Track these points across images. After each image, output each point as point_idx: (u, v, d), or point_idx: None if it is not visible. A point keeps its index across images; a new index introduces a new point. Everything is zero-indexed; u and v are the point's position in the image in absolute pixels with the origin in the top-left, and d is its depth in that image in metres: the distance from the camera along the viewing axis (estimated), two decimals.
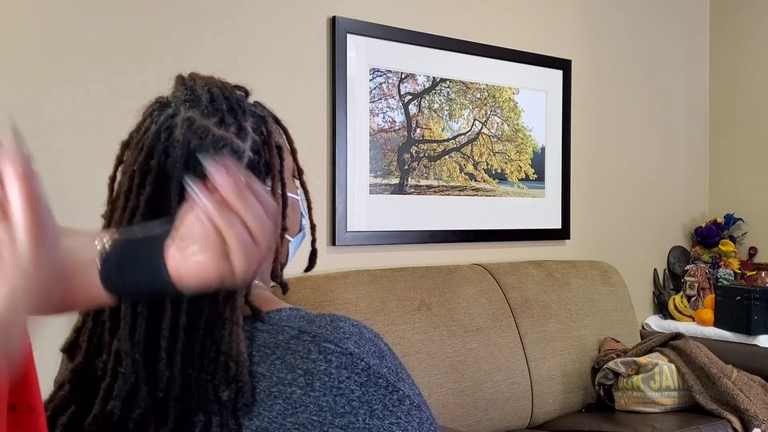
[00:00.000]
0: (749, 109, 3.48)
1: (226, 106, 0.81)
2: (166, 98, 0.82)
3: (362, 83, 2.47)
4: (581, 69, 3.11)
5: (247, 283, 0.79)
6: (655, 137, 3.41)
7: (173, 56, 2.10)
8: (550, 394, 2.53)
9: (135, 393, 0.72)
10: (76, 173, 1.92)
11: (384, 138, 2.53)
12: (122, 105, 1.98)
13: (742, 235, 3.45)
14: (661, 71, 3.44)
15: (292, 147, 0.91)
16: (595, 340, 2.72)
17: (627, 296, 2.96)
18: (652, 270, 3.38)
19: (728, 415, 2.37)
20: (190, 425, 0.73)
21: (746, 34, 3.51)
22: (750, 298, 2.88)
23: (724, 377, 2.43)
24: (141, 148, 0.79)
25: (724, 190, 3.57)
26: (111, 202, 0.81)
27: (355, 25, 2.44)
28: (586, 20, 3.15)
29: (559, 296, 2.69)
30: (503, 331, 2.47)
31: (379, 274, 2.32)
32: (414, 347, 2.23)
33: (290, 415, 0.71)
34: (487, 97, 2.79)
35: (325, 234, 2.39)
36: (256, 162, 0.81)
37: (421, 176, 2.62)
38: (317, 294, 2.14)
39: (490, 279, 2.57)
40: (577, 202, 3.11)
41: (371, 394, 0.72)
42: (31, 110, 1.89)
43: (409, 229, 2.59)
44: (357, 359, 0.74)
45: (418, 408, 0.75)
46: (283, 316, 0.78)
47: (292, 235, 0.91)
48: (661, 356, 2.54)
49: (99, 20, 1.99)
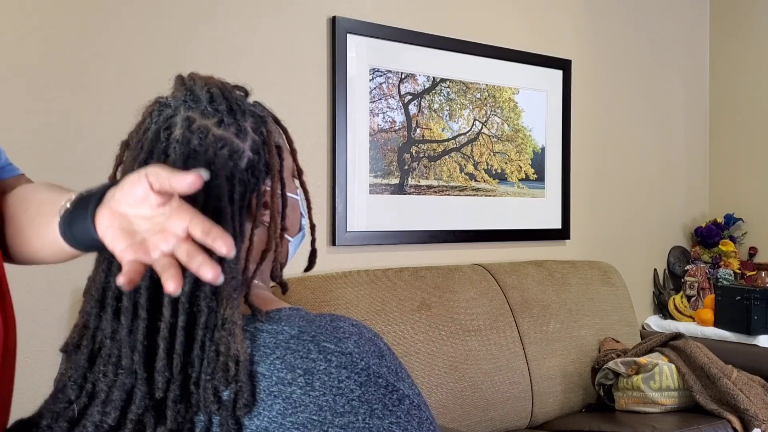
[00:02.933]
0: (749, 109, 3.48)
1: (226, 106, 0.81)
2: (165, 98, 0.82)
3: (362, 83, 2.47)
4: (581, 69, 3.11)
5: (246, 284, 0.80)
6: (655, 137, 3.41)
7: (173, 56, 2.10)
8: (550, 394, 2.53)
9: (134, 393, 0.72)
10: (77, 173, 1.92)
11: (384, 138, 2.53)
12: (122, 105, 1.98)
13: (742, 235, 3.45)
14: (661, 71, 3.44)
15: (292, 147, 0.91)
16: (595, 340, 2.72)
17: (627, 296, 2.96)
18: (652, 270, 3.38)
19: (728, 415, 2.37)
20: (190, 425, 0.73)
21: (746, 34, 3.51)
22: (750, 298, 2.88)
23: (724, 377, 2.43)
24: (141, 148, 0.79)
25: (724, 190, 3.57)
26: None
27: (355, 25, 2.44)
28: (586, 20, 3.15)
29: (559, 296, 2.69)
30: (503, 331, 2.47)
31: (379, 274, 2.32)
32: (414, 347, 2.23)
33: (290, 415, 0.71)
34: (487, 97, 2.80)
35: (325, 234, 2.39)
36: (256, 162, 0.81)
37: (421, 176, 2.62)
38: (317, 294, 2.14)
39: (490, 279, 2.57)
40: (577, 202, 3.11)
41: (371, 394, 0.72)
42: (31, 110, 1.89)
43: (409, 229, 2.59)
44: (357, 359, 0.74)
45: (418, 408, 0.75)
46: (283, 316, 0.78)
47: (291, 235, 0.91)
48: (661, 356, 2.54)
49: (99, 20, 1.99)
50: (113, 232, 0.69)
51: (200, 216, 0.67)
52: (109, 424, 0.72)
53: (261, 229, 0.83)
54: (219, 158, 0.77)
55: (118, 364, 0.73)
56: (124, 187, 0.68)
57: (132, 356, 0.72)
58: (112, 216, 0.69)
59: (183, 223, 0.66)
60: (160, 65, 2.06)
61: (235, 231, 0.78)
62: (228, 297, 0.75)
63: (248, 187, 0.80)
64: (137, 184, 0.67)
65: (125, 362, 0.72)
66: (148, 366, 0.72)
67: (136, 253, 0.67)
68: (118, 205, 0.69)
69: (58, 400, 0.75)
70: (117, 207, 0.69)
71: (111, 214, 0.69)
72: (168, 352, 0.72)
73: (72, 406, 0.75)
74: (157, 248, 0.67)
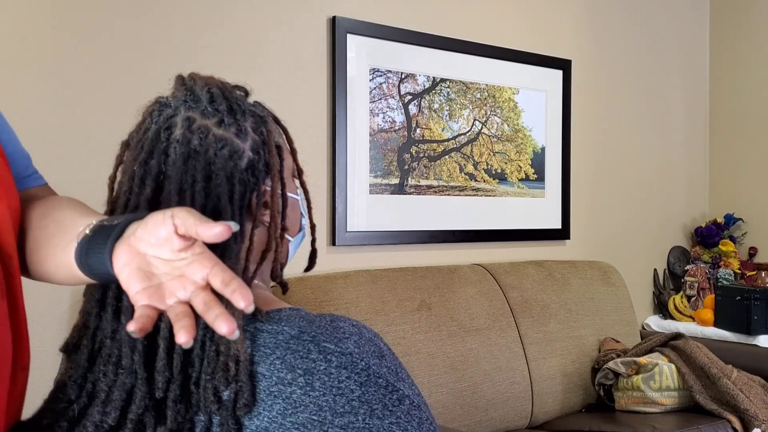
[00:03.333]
0: (749, 109, 3.48)
1: (226, 106, 0.81)
2: (165, 98, 0.82)
3: (362, 83, 2.47)
4: (581, 69, 3.11)
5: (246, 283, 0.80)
6: (655, 137, 3.41)
7: (173, 56, 2.10)
8: (550, 394, 2.53)
9: (134, 393, 0.72)
10: (77, 173, 1.92)
11: (384, 138, 2.53)
12: (122, 105, 1.98)
13: (742, 235, 3.45)
14: (661, 71, 3.44)
15: (292, 147, 0.92)
16: (595, 340, 2.72)
17: (627, 296, 2.96)
18: (652, 270, 3.38)
19: (728, 415, 2.37)
20: (190, 425, 0.73)
21: (746, 34, 3.51)
22: (750, 298, 2.88)
23: (724, 377, 2.43)
24: (141, 148, 0.79)
25: (724, 190, 3.57)
26: (111, 202, 0.81)
27: (355, 25, 2.44)
28: (586, 20, 3.15)
29: (559, 296, 2.69)
30: (503, 331, 2.47)
31: (379, 274, 2.32)
32: (414, 347, 2.23)
33: (290, 415, 0.71)
34: (487, 97, 2.80)
35: (325, 234, 2.39)
36: (256, 162, 0.81)
37: (421, 176, 2.62)
38: (317, 294, 2.14)
39: (490, 279, 2.57)
40: (577, 202, 3.11)
41: (371, 394, 0.72)
42: (31, 110, 1.89)
43: (409, 229, 2.59)
44: (357, 359, 0.74)
45: (418, 408, 0.75)
46: (283, 316, 0.78)
47: (291, 235, 0.91)
48: (661, 356, 2.54)
49: (99, 20, 1.99)
50: (130, 271, 0.66)
51: (221, 265, 0.65)
52: (109, 424, 0.72)
53: (261, 229, 0.83)
54: (219, 158, 0.78)
55: (118, 364, 0.73)
56: (148, 225, 0.66)
57: (132, 356, 0.72)
58: (131, 253, 0.67)
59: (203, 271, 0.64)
60: (160, 65, 2.06)
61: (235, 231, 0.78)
62: None
63: (248, 187, 0.80)
64: (162, 224, 0.65)
65: (125, 362, 0.73)
66: (148, 366, 0.72)
67: (151, 298, 0.65)
68: (138, 243, 0.66)
69: (58, 400, 0.76)
70: (137, 245, 0.67)
71: (130, 251, 0.67)
72: (168, 352, 0.72)
73: (72, 406, 0.75)
74: (173, 295, 0.65)
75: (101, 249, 0.69)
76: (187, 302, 0.65)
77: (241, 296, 0.62)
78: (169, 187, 0.76)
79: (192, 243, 0.65)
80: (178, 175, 0.76)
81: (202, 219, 0.64)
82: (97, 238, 0.70)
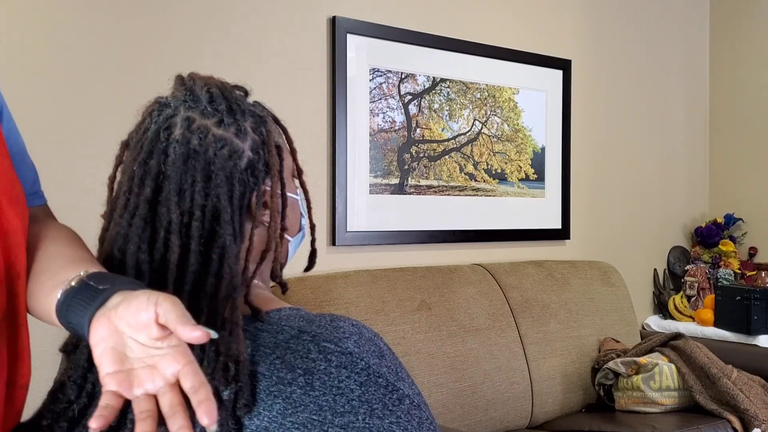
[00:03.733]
0: (749, 109, 3.48)
1: (226, 106, 0.81)
2: (165, 98, 0.82)
3: (362, 83, 2.47)
4: (581, 69, 3.11)
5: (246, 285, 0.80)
6: (655, 137, 3.41)
7: (173, 56, 2.10)
8: (550, 394, 2.53)
9: None
10: (77, 173, 1.92)
11: (384, 138, 2.53)
12: (122, 105, 1.98)
13: (742, 235, 3.45)
14: (661, 71, 3.44)
15: (292, 147, 0.91)
16: (595, 340, 2.72)
17: (627, 296, 2.96)
18: (652, 270, 3.38)
19: (728, 415, 2.37)
20: None
21: (746, 34, 3.51)
22: (750, 298, 2.88)
23: (724, 377, 2.43)
24: (141, 148, 0.79)
25: (724, 190, 3.57)
26: (111, 202, 0.81)
27: (355, 25, 2.44)
28: (586, 20, 3.15)
29: (559, 296, 2.69)
30: (503, 331, 2.47)
31: (379, 274, 2.32)
32: (414, 347, 2.23)
33: (290, 415, 0.71)
34: (487, 97, 2.80)
35: (325, 234, 2.39)
36: (256, 162, 0.81)
37: (421, 176, 2.62)
38: (317, 294, 2.14)
39: (490, 279, 2.57)
40: (577, 202, 3.11)
41: (371, 394, 0.72)
42: (31, 110, 1.89)
43: (409, 229, 2.59)
44: (357, 359, 0.74)
45: (418, 407, 0.75)
46: (282, 316, 0.78)
47: (291, 235, 0.91)
48: (661, 356, 2.54)
49: (99, 20, 1.99)
50: (104, 349, 0.65)
51: (194, 366, 0.64)
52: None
53: (261, 229, 0.83)
54: (219, 158, 0.78)
55: None
56: (131, 305, 0.65)
57: None
58: (109, 329, 0.66)
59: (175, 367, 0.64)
60: (160, 65, 2.06)
61: (235, 231, 0.78)
62: (228, 297, 0.75)
63: (248, 187, 0.80)
64: (144, 309, 0.64)
65: None
66: None
67: (120, 385, 0.64)
68: (118, 320, 0.66)
69: (58, 400, 0.75)
70: (116, 321, 0.66)
71: (108, 327, 0.66)
72: None
73: (72, 406, 0.74)
74: (141, 385, 0.64)
75: (82, 312, 0.68)
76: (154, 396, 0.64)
77: (205, 412, 0.61)
78: (168, 187, 0.76)
79: (169, 334, 0.65)
80: (177, 175, 0.76)
81: (184, 317, 0.63)
82: (80, 297, 0.69)
